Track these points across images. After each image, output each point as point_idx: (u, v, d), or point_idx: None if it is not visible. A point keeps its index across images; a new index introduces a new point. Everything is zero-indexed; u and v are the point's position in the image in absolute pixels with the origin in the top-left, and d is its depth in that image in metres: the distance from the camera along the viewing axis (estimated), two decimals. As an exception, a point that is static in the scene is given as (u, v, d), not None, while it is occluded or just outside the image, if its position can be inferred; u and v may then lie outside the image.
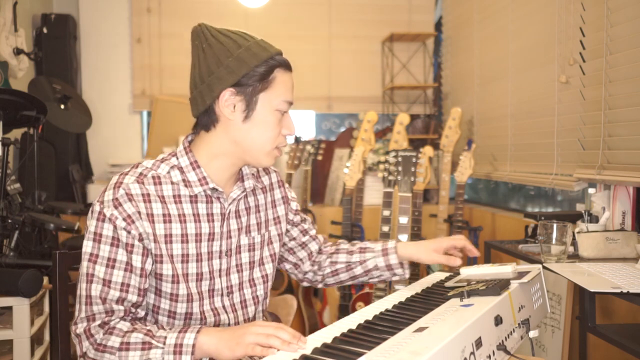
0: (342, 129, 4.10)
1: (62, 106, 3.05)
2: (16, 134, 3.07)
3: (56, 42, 3.63)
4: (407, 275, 1.43)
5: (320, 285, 1.51)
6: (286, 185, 1.45)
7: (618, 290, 1.48)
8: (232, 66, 1.15)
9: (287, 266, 1.50)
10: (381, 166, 2.78)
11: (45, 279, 2.23)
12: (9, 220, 2.25)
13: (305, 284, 1.52)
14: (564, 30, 2.49)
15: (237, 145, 1.20)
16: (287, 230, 1.45)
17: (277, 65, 1.18)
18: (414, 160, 2.54)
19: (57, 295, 1.41)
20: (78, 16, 3.85)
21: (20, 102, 2.38)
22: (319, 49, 4.02)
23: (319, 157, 3.62)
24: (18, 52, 3.05)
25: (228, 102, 1.17)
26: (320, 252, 1.50)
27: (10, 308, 2.03)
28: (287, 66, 1.21)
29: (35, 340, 2.19)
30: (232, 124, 1.19)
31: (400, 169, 2.55)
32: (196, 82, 1.19)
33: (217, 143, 1.21)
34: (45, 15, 3.62)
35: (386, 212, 2.65)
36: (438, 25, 4.14)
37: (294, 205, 1.45)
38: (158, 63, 3.89)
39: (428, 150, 2.91)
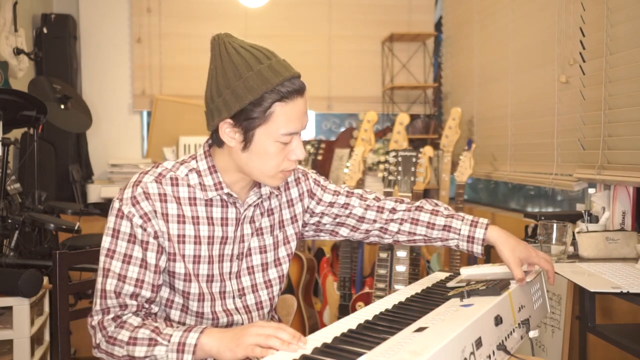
0: (342, 129, 4.09)
1: (62, 106, 3.05)
2: (16, 134, 3.07)
3: (56, 42, 3.63)
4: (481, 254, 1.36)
5: (390, 241, 1.44)
6: (306, 176, 1.40)
7: (618, 290, 1.48)
8: (227, 99, 1.13)
9: (344, 233, 1.42)
10: (381, 166, 2.78)
11: (45, 279, 2.23)
12: (9, 220, 2.25)
13: (368, 241, 1.46)
14: (564, 30, 2.48)
15: (241, 168, 1.21)
16: (321, 217, 1.40)
17: (276, 99, 1.12)
18: (414, 160, 2.54)
19: (57, 295, 1.41)
20: (78, 16, 3.85)
21: (20, 102, 2.38)
22: (319, 49, 4.01)
23: (319, 157, 3.62)
24: (18, 52, 3.05)
25: (227, 132, 1.16)
26: (380, 211, 1.40)
27: (10, 308, 2.03)
28: (290, 95, 1.14)
29: (35, 340, 2.19)
30: (234, 150, 1.18)
31: (400, 169, 2.55)
32: (207, 100, 1.19)
33: (226, 160, 1.22)
34: (45, 15, 3.62)
35: (386, 212, 2.64)
36: (438, 25, 4.14)
37: (319, 192, 1.39)
38: (158, 63, 3.89)
39: (428, 150, 2.91)
